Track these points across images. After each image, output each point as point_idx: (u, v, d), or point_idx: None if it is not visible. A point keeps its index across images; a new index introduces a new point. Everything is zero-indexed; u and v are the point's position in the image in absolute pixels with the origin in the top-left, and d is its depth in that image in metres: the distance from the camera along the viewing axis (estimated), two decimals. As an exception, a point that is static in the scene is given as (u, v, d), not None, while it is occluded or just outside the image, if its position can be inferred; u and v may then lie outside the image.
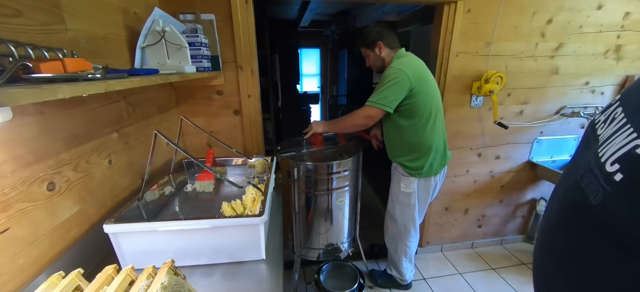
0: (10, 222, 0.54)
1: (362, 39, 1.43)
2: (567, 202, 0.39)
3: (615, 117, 0.36)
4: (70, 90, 0.38)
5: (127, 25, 0.99)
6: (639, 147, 0.29)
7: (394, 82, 1.28)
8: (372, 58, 1.44)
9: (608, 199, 0.31)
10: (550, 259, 0.40)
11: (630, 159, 0.30)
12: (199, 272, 0.70)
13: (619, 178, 0.30)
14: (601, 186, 0.32)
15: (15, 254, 0.55)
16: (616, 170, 0.31)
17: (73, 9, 0.73)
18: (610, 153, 0.32)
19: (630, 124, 0.31)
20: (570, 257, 0.36)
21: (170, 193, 0.99)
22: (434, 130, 1.37)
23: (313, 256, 1.54)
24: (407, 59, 1.36)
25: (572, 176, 0.39)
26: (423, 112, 1.33)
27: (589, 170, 0.35)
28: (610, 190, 0.31)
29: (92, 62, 0.76)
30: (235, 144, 1.51)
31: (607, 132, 0.36)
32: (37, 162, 0.60)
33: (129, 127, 0.96)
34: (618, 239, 0.30)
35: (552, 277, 0.39)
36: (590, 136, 0.39)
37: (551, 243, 0.39)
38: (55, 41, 0.66)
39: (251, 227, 0.69)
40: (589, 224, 0.33)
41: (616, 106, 0.37)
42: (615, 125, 0.34)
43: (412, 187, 1.43)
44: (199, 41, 1.20)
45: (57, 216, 0.65)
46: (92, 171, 0.77)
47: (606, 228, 0.32)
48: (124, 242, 0.68)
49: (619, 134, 0.32)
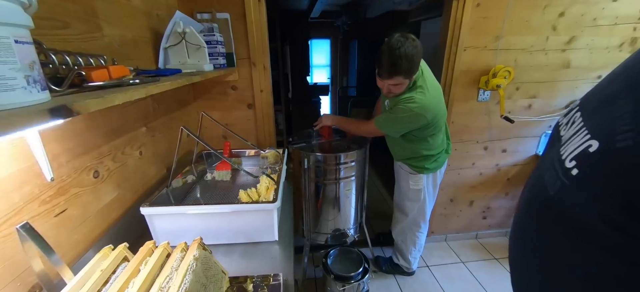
0: (67, 204, 0.65)
1: (405, 68, 1.09)
2: (532, 194, 0.44)
3: (575, 120, 0.41)
4: (124, 97, 0.47)
5: (151, 27, 1.08)
6: (591, 147, 0.34)
7: (410, 122, 1.22)
8: (403, 87, 1.19)
9: (565, 190, 0.36)
10: (518, 244, 0.46)
11: (585, 157, 0.35)
12: (220, 251, 0.80)
13: (575, 173, 0.35)
14: (560, 179, 0.37)
15: (71, 231, 0.66)
16: (573, 166, 0.36)
17: (108, 17, 0.82)
18: (569, 151, 0.37)
19: (586, 127, 0.37)
20: (533, 242, 0.42)
21: (192, 181, 1.09)
22: (439, 135, 1.38)
23: (321, 241, 1.64)
24: (427, 95, 1.18)
25: (539, 170, 0.45)
26: (431, 131, 1.31)
27: (552, 166, 0.40)
28: (567, 183, 0.36)
29: (124, 63, 0.86)
30: (249, 136, 1.60)
31: (568, 133, 0.41)
32: (85, 154, 0.71)
33: (155, 121, 1.06)
34: (571, 224, 0.36)
35: (520, 260, 0.45)
36: (555, 137, 0.45)
37: (520, 230, 0.46)
38: (95, 47, 0.76)
39: (266, 212, 0.78)
40: (548, 212, 0.39)
41: (576, 111, 0.42)
42: (574, 128, 0.40)
43: (421, 183, 1.47)
44: (216, 40, 1.28)
45: (101, 199, 0.75)
46: (127, 161, 0.88)
47: (561, 215, 0.37)
48: (157, 222, 0.78)
49: (577, 135, 0.38)
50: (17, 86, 0.35)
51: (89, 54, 0.64)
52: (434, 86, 1.25)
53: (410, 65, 1.09)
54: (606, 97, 0.37)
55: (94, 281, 0.53)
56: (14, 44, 0.35)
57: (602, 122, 0.35)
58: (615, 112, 0.33)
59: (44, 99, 0.39)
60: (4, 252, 0.50)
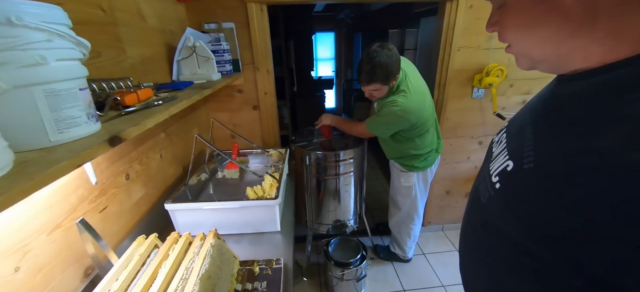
0: (107, 202, 0.80)
1: (381, 76, 1.20)
2: (471, 201, 0.53)
3: (502, 140, 0.48)
4: (154, 121, 0.60)
5: (165, 43, 1.20)
6: (508, 166, 0.40)
7: (394, 123, 1.33)
8: (383, 92, 1.29)
9: (490, 200, 0.43)
10: (465, 240, 0.55)
11: (504, 174, 0.41)
12: (232, 240, 0.95)
13: (498, 186, 0.41)
14: (488, 190, 0.44)
15: (112, 223, 0.81)
16: (497, 181, 0.42)
17: (130, 40, 0.95)
18: (494, 167, 0.45)
19: (507, 148, 0.44)
20: (472, 240, 0.51)
21: (206, 179, 1.24)
22: (427, 135, 1.45)
23: (323, 231, 1.78)
24: (410, 98, 1.27)
25: (478, 181, 0.52)
26: (419, 131, 1.40)
27: (484, 179, 0.47)
28: (492, 194, 0.42)
29: (145, 79, 1.00)
30: (255, 135, 1.74)
31: (496, 151, 0.48)
32: (119, 160, 0.85)
33: (172, 127, 1.20)
34: (493, 227, 0.42)
35: (467, 254, 0.55)
36: (489, 152, 0.53)
37: (464, 233, 0.55)
38: (121, 69, 0.89)
39: (269, 207, 0.92)
40: (480, 217, 0.46)
41: (504, 132, 0.50)
42: (500, 147, 0.47)
43: (411, 181, 1.57)
44: (222, 48, 1.39)
45: (132, 197, 0.90)
46: (150, 163, 1.02)
47: (488, 220, 0.44)
48: (178, 216, 0.93)
49: (501, 154, 0.45)
50: (82, 122, 0.48)
51: (118, 78, 0.77)
52: (417, 90, 1.32)
53: (386, 73, 1.20)
54: (520, 125, 0.44)
55: (134, 263, 0.67)
56: (79, 91, 0.48)
57: (516, 145, 0.42)
58: (524, 139, 0.39)
59: (97, 128, 0.53)
60: (68, 240, 0.65)
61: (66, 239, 0.65)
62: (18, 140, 0.42)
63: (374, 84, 1.25)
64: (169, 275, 0.63)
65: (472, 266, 0.52)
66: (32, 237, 0.57)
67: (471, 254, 0.52)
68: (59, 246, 0.63)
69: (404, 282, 1.73)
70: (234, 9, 1.47)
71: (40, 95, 0.43)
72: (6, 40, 0.39)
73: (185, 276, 0.63)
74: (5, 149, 0.37)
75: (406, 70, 1.35)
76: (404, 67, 1.36)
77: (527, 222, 0.35)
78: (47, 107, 0.43)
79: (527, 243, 0.35)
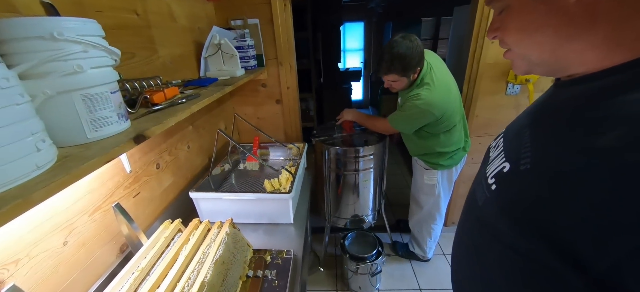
0: (140, 189, 0.89)
1: (398, 66, 1.19)
2: (467, 204, 0.53)
3: (499, 145, 0.48)
4: (175, 120, 0.66)
5: (194, 41, 1.28)
6: (505, 168, 0.41)
7: (418, 118, 1.28)
8: (403, 84, 1.27)
9: (487, 202, 0.43)
10: (459, 245, 0.55)
11: (500, 176, 0.41)
12: (248, 229, 1.01)
13: (493, 188, 0.42)
14: (484, 193, 0.44)
15: (144, 208, 0.91)
16: (493, 182, 0.42)
17: (161, 40, 1.03)
18: (491, 170, 0.45)
19: (504, 151, 0.44)
20: (468, 243, 0.51)
21: (228, 169, 1.32)
22: (454, 132, 1.38)
23: (341, 224, 1.80)
24: (433, 91, 1.23)
25: (474, 185, 0.52)
26: (445, 127, 1.33)
27: (480, 182, 0.48)
28: (489, 196, 0.43)
29: (174, 76, 1.08)
30: (278, 128, 1.79)
31: (493, 155, 0.49)
32: (150, 151, 0.94)
33: (199, 120, 1.29)
34: (491, 231, 0.42)
35: (461, 257, 0.54)
36: (486, 157, 0.53)
37: (460, 236, 0.54)
38: (153, 68, 0.97)
39: (283, 201, 0.96)
40: (477, 220, 0.47)
41: (501, 137, 0.50)
42: (497, 150, 0.47)
43: (435, 179, 1.51)
44: (247, 44, 1.45)
45: (162, 185, 1.00)
46: (178, 154, 1.12)
47: (484, 222, 0.44)
48: (202, 203, 1.01)
49: (498, 157, 0.45)
50: (113, 121, 0.55)
51: (149, 77, 0.85)
52: (442, 82, 1.27)
53: (404, 64, 1.18)
54: (518, 129, 0.44)
55: (160, 244, 0.76)
56: (110, 94, 0.55)
57: (513, 148, 0.42)
58: (521, 141, 0.40)
59: (127, 126, 0.60)
60: (106, 221, 0.75)
61: (104, 220, 0.75)
62: (61, 138, 0.49)
63: (392, 75, 1.24)
64: (188, 258, 0.70)
65: (466, 269, 0.52)
66: (76, 217, 0.66)
67: (465, 257, 0.52)
68: (98, 225, 0.72)
69: (422, 282, 1.71)
70: (259, 5, 1.51)
71: (79, 99, 0.49)
72: (50, 53, 0.45)
73: (201, 259, 0.69)
74: (50, 147, 0.44)
75: (432, 63, 1.31)
76: (430, 60, 1.32)
77: (523, 222, 0.35)
78: (84, 109, 0.50)
79: (524, 244, 0.35)
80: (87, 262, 0.69)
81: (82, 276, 0.68)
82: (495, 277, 0.43)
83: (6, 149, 0.37)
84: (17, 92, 0.39)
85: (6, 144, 0.37)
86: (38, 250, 0.58)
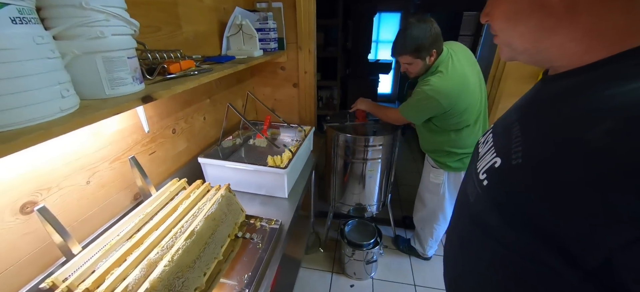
0: (156, 148, 1.02)
1: (411, 47, 1.19)
2: (459, 202, 0.53)
3: (488, 140, 0.48)
4: (183, 87, 0.75)
5: (219, 20, 1.37)
6: (496, 163, 0.41)
7: (425, 107, 1.25)
8: (418, 67, 1.26)
9: (478, 198, 0.43)
10: (451, 242, 0.55)
11: (492, 171, 0.41)
12: (247, 197, 1.10)
13: (485, 184, 0.41)
14: (475, 188, 0.44)
15: (158, 166, 1.04)
16: (484, 178, 0.42)
17: (187, 17, 1.13)
18: (482, 166, 0.44)
19: (494, 146, 0.44)
20: (460, 240, 0.50)
21: (239, 143, 1.42)
22: (466, 133, 1.33)
23: (345, 211, 1.85)
24: (444, 79, 1.20)
25: (464, 182, 0.52)
26: (457, 124, 1.30)
27: (471, 178, 0.47)
28: (480, 192, 0.42)
29: (196, 52, 1.17)
30: (292, 110, 1.86)
31: (483, 150, 0.48)
32: (167, 117, 1.06)
33: (217, 95, 1.40)
34: (483, 227, 0.42)
35: (452, 255, 0.54)
36: (475, 153, 0.52)
37: (453, 232, 0.54)
38: (176, 43, 1.07)
39: (278, 175, 1.04)
40: (469, 217, 0.46)
41: (490, 132, 0.50)
42: (487, 146, 0.47)
43: (441, 178, 1.49)
44: (269, 27, 1.52)
45: (176, 148, 1.12)
46: (194, 123, 1.23)
47: (476, 218, 0.44)
48: (208, 169, 1.12)
49: (489, 153, 0.45)
50: (128, 82, 0.65)
51: (171, 50, 0.95)
52: (459, 73, 1.22)
53: (416, 46, 1.18)
54: (507, 124, 0.44)
55: (165, 197, 0.87)
56: (127, 59, 0.64)
57: (503, 143, 0.42)
58: (511, 136, 0.40)
59: (140, 88, 0.69)
60: (123, 171, 0.88)
61: (122, 170, 0.87)
62: (86, 91, 0.60)
63: (405, 57, 1.25)
64: (185, 210, 0.80)
65: (459, 266, 0.52)
66: (98, 162, 0.79)
67: (458, 254, 0.52)
68: (116, 173, 0.85)
69: (418, 278, 1.71)
70: (283, -11, 1.56)
71: (100, 60, 0.59)
72: (78, 19, 0.55)
73: (196, 213, 0.79)
74: (74, 96, 0.55)
75: (455, 52, 1.27)
76: (455, 49, 1.29)
77: (516, 217, 0.35)
78: (104, 69, 0.60)
79: (517, 239, 0.36)
80: (105, 202, 0.83)
81: (100, 212, 0.81)
82: (489, 273, 0.43)
83: (38, 92, 0.47)
84: (49, 49, 0.49)
85: (38, 88, 0.47)
86: (66, 183, 0.71)
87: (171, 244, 0.68)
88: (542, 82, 0.42)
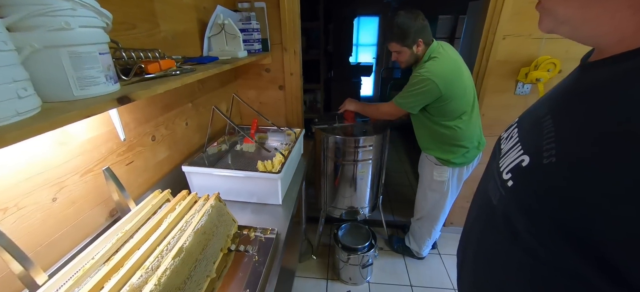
0: (134, 158, 0.92)
1: (397, 34, 1.25)
2: (478, 204, 0.49)
3: (513, 136, 0.44)
4: (164, 87, 0.67)
5: (199, 19, 1.29)
6: (523, 162, 0.37)
7: (422, 91, 1.25)
8: (406, 56, 1.31)
9: (503, 200, 0.39)
10: (466, 248, 0.51)
11: (518, 170, 0.37)
12: (237, 206, 1.03)
13: (510, 184, 0.38)
14: (499, 190, 0.40)
15: (136, 177, 0.94)
16: (509, 178, 0.38)
17: (164, 15, 1.04)
18: (506, 164, 0.40)
19: (520, 143, 0.40)
20: (479, 246, 0.47)
21: (225, 149, 1.34)
22: (469, 124, 1.34)
23: (337, 215, 1.81)
24: (439, 62, 1.25)
25: (484, 182, 0.48)
26: (454, 112, 1.30)
27: (493, 178, 0.43)
28: (504, 193, 0.39)
29: (175, 52, 1.09)
30: (279, 114, 1.80)
31: (506, 147, 0.44)
32: (146, 122, 0.96)
33: (199, 98, 1.31)
34: (509, 230, 0.38)
35: (469, 262, 0.50)
36: (496, 149, 0.49)
37: (469, 236, 0.51)
38: (154, 42, 0.99)
39: (272, 181, 0.97)
40: (492, 220, 0.42)
41: (514, 127, 0.46)
42: (511, 142, 0.43)
43: (445, 176, 1.45)
44: (252, 27, 1.45)
45: (157, 157, 1.02)
46: (176, 129, 1.14)
47: (499, 223, 0.40)
48: (193, 178, 1.03)
49: (513, 149, 0.41)
50: (100, 82, 0.57)
51: (149, 49, 0.86)
52: (452, 59, 1.28)
53: (403, 33, 1.24)
54: (535, 118, 0.40)
55: (146, 211, 0.78)
56: (98, 55, 0.56)
57: (532, 139, 0.38)
58: (542, 131, 0.36)
59: (115, 89, 0.61)
60: (97, 184, 0.78)
61: (95, 183, 0.77)
62: (49, 92, 0.51)
63: (393, 44, 1.30)
64: (170, 225, 0.72)
65: (477, 275, 0.48)
66: (67, 176, 0.69)
67: (477, 261, 0.48)
68: (89, 187, 0.75)
69: (413, 278, 1.70)
70: (265, -12, 1.51)
71: (65, 55, 0.51)
72: (38, 7, 0.46)
73: (183, 227, 0.71)
74: (33, 97, 0.46)
75: (443, 46, 1.32)
76: (443, 44, 1.34)
77: (547, 224, 0.31)
78: (71, 66, 0.52)
79: (549, 248, 0.32)
80: (76, 221, 0.72)
81: (70, 232, 0.71)
82: (513, 284, 0.39)
83: (-14, 91, 0.38)
84: (1, 40, 0.41)
85: (-14, 87, 0.38)
86: (27, 201, 0.61)
87: (157, 264, 0.59)
88: (582, 69, 0.38)
